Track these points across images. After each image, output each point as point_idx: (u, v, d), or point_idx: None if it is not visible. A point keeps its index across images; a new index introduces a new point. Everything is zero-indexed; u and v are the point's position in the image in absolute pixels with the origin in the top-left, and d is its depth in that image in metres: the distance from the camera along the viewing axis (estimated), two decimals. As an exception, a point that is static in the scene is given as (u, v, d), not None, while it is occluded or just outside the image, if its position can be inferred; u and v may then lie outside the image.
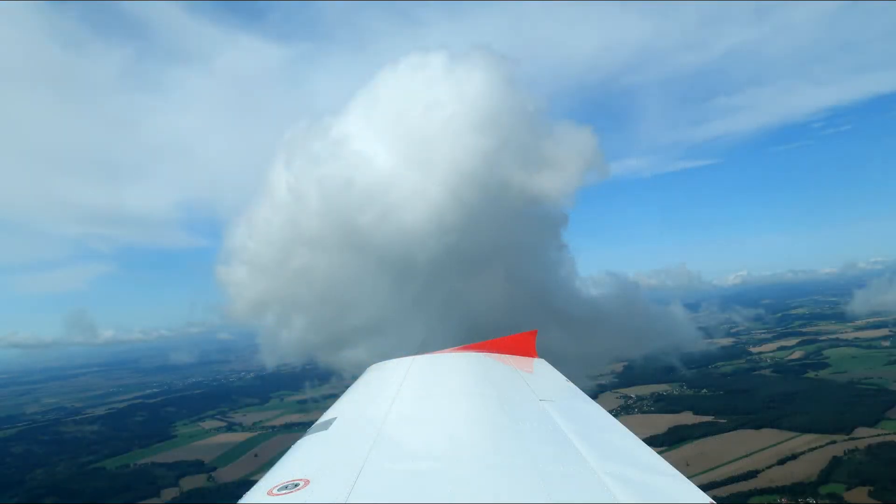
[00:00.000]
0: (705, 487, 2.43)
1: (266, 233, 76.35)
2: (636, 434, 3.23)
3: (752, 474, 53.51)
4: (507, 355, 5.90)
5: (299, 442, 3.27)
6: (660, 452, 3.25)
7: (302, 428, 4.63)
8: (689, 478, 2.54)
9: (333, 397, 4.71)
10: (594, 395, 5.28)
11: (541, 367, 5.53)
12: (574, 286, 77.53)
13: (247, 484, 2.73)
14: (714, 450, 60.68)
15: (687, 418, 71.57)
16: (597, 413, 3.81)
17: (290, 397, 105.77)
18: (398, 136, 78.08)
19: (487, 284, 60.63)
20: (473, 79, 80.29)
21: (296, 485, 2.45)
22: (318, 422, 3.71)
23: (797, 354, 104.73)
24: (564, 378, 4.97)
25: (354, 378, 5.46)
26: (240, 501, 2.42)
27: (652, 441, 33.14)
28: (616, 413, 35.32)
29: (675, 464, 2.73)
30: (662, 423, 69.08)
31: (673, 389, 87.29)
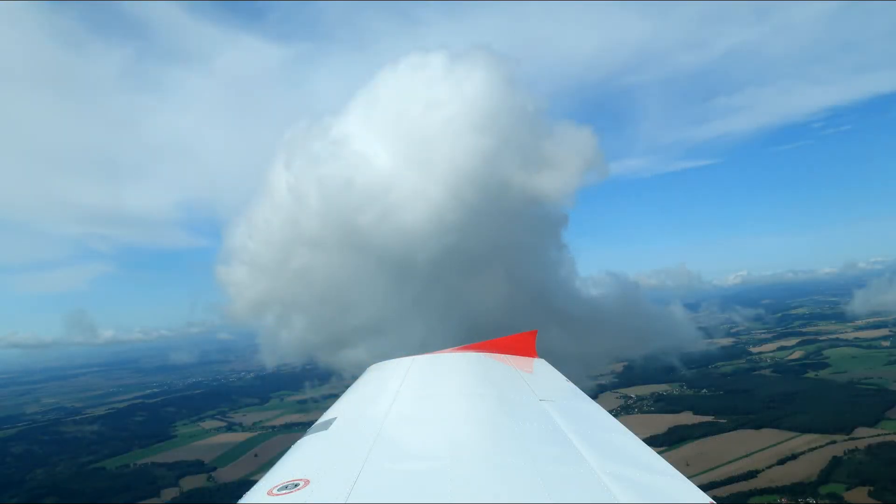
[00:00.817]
0: (705, 487, 2.43)
1: (266, 233, 76.65)
2: (636, 434, 3.23)
3: (752, 474, 53.49)
4: (507, 355, 5.90)
5: (299, 442, 3.27)
6: (660, 452, 3.25)
7: (302, 428, 4.64)
8: (689, 478, 2.54)
9: (333, 397, 4.71)
10: (594, 395, 5.28)
11: (541, 367, 5.52)
12: (574, 286, 77.89)
13: (247, 484, 2.73)
14: (714, 450, 60.66)
15: (687, 418, 71.54)
16: (597, 413, 3.81)
17: (290, 397, 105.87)
18: (398, 136, 78.42)
19: (487, 284, 60.76)
20: (473, 79, 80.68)
21: (296, 485, 2.46)
22: (318, 422, 3.72)
23: (797, 354, 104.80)
24: (564, 378, 4.97)
25: (354, 378, 5.47)
26: (240, 501, 2.42)
27: (652, 441, 33.14)
28: (616, 413, 35.32)
29: (675, 464, 2.73)
30: (662, 423, 69.06)
31: (673, 389, 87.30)
